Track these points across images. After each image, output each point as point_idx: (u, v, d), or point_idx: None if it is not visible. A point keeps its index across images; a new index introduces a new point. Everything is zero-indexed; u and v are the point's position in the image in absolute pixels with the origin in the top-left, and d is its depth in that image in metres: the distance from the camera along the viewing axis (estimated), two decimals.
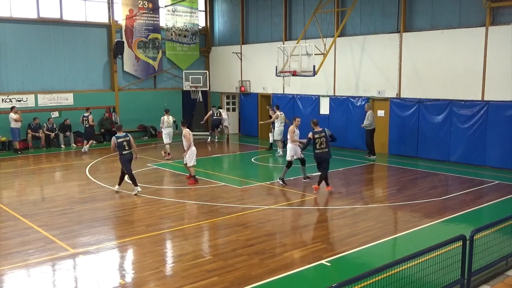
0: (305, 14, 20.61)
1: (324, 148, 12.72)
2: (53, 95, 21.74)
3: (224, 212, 11.15)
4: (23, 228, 10.07)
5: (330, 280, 6.66)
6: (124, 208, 11.68)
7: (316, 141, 12.68)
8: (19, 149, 19.77)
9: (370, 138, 18.04)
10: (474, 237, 6.63)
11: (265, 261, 8.17)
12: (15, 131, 19.59)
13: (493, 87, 15.91)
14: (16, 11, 20.70)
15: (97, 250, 8.85)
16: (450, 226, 10.23)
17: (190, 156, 13.92)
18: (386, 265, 5.61)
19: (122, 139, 12.83)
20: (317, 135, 12.69)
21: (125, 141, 12.81)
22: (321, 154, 12.76)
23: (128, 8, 23.46)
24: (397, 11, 18.25)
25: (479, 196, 12.59)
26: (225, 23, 26.00)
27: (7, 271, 7.84)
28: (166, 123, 18.45)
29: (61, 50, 21.90)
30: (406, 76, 18.25)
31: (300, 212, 11.35)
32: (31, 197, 12.96)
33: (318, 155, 12.78)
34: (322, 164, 12.87)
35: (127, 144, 12.82)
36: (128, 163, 12.87)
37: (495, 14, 15.76)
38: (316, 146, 12.70)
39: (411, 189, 13.49)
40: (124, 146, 12.78)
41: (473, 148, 16.50)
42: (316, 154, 12.79)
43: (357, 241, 9.15)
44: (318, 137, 12.69)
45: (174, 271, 7.98)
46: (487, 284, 7.11)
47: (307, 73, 17.97)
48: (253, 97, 24.16)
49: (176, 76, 25.74)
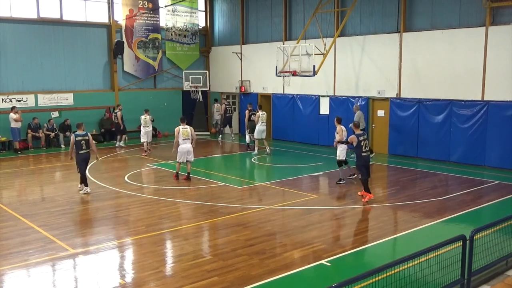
0: (305, 14, 20.61)
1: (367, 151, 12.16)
2: (53, 95, 21.73)
3: (224, 212, 11.15)
4: (23, 228, 10.07)
5: (330, 280, 6.65)
6: (124, 208, 11.68)
7: (361, 144, 11.95)
8: (19, 149, 19.77)
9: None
10: (474, 237, 6.63)
11: (265, 261, 8.17)
12: (15, 131, 19.59)
13: (493, 87, 15.91)
14: (16, 11, 20.70)
15: (97, 250, 8.85)
16: (450, 226, 10.23)
17: (178, 153, 14.41)
18: (386, 265, 5.61)
19: (81, 137, 12.82)
20: (361, 138, 12.00)
21: (84, 140, 12.82)
22: (366, 158, 12.11)
23: (128, 8, 23.46)
24: (397, 11, 18.24)
25: (479, 196, 12.59)
26: (225, 23, 26.00)
27: (7, 271, 7.84)
28: (143, 122, 19.21)
29: (61, 50, 21.89)
30: (406, 76, 18.25)
31: (300, 212, 11.35)
32: (31, 197, 12.96)
33: (364, 158, 12.06)
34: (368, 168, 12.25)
35: (85, 143, 12.83)
36: (83, 162, 12.86)
37: (495, 14, 15.76)
38: (362, 149, 11.97)
39: (411, 189, 13.49)
40: (82, 145, 12.78)
41: (473, 148, 16.50)
42: (363, 158, 12.04)
43: (357, 241, 9.15)
44: (363, 139, 12.03)
45: (174, 271, 7.98)
46: (487, 284, 7.10)
47: (307, 73, 17.97)
48: (253, 97, 24.15)
49: (176, 76, 25.74)
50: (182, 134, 14.34)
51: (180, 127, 14.44)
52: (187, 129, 14.50)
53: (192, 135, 14.59)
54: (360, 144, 11.87)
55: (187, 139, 14.39)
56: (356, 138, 11.88)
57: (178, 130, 14.37)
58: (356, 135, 11.95)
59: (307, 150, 20.10)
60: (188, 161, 14.53)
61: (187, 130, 14.47)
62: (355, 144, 11.91)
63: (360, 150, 11.91)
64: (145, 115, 19.26)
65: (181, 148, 14.34)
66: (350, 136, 12.38)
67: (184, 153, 14.40)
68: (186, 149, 14.39)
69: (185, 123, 14.77)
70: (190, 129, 14.58)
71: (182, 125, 14.54)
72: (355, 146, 11.98)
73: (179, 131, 14.33)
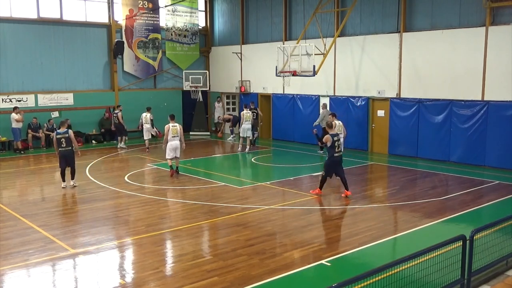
0: (305, 14, 20.61)
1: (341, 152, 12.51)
2: (53, 95, 21.74)
3: (224, 212, 11.15)
4: (23, 228, 10.07)
5: (330, 280, 6.66)
6: (124, 208, 11.68)
7: (335, 144, 12.23)
8: (21, 149, 19.80)
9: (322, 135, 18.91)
10: (474, 237, 6.62)
11: (265, 261, 8.17)
12: (16, 131, 19.62)
13: (493, 87, 15.91)
14: (16, 11, 20.69)
15: (97, 250, 8.84)
16: (450, 226, 10.23)
17: (166, 149, 14.86)
18: (386, 265, 5.61)
19: (61, 135, 13.34)
20: (335, 138, 12.31)
21: (64, 138, 13.31)
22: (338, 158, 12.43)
23: (128, 8, 23.46)
24: (397, 11, 18.24)
25: (479, 196, 12.59)
26: (225, 23, 26.00)
27: (7, 271, 7.84)
28: (144, 119, 19.64)
29: (61, 50, 21.90)
30: (406, 76, 18.25)
31: (300, 212, 11.35)
32: (31, 197, 12.96)
33: (336, 158, 12.34)
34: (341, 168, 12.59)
35: (65, 141, 13.30)
36: (63, 159, 13.43)
37: (495, 14, 15.76)
38: (335, 150, 12.23)
39: (411, 189, 13.49)
40: (62, 142, 13.30)
41: (473, 148, 16.49)
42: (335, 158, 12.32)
43: (357, 241, 9.15)
44: (337, 140, 12.33)
45: (174, 271, 7.98)
46: (487, 284, 7.10)
47: (307, 73, 17.97)
48: (253, 97, 24.14)
49: (176, 76, 25.74)
50: (171, 131, 14.82)
51: (170, 125, 14.93)
52: (176, 127, 14.99)
53: (181, 133, 14.96)
54: (334, 144, 12.17)
55: (175, 136, 14.88)
56: (331, 138, 12.15)
57: (168, 127, 14.87)
58: (331, 135, 12.23)
59: (307, 150, 20.09)
60: (176, 157, 15.06)
61: (176, 128, 14.96)
62: (329, 144, 12.18)
63: (334, 150, 12.22)
64: (146, 113, 19.77)
65: (169, 145, 14.87)
66: (325, 136, 12.61)
67: (172, 149, 14.90)
68: (174, 146, 14.89)
69: (174, 120, 15.21)
70: (179, 127, 15.04)
71: (172, 123, 15.01)
72: (329, 146, 12.24)
73: (168, 129, 14.84)
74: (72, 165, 13.68)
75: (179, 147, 15.03)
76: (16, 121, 19.44)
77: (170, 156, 14.97)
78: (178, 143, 14.96)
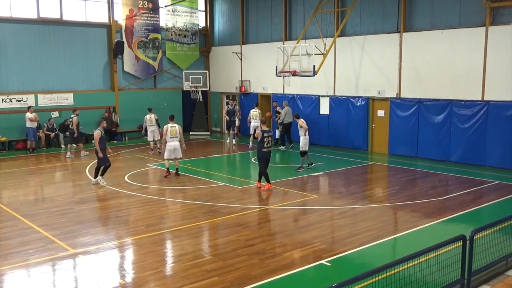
0: (305, 14, 20.60)
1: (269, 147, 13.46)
2: (53, 95, 21.74)
3: (224, 212, 11.15)
4: (23, 228, 10.07)
5: (330, 280, 6.66)
6: (124, 208, 11.67)
7: (264, 139, 13.14)
8: (34, 148, 19.92)
9: (284, 131, 20.35)
10: (474, 237, 6.62)
11: (265, 261, 8.17)
12: (29, 130, 19.70)
13: (493, 87, 15.91)
14: (16, 11, 20.69)
15: (97, 250, 8.84)
16: (450, 226, 10.23)
17: (165, 150, 14.87)
18: (386, 265, 5.61)
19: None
20: (266, 134, 13.20)
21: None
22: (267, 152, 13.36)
23: (128, 8, 23.46)
24: (397, 11, 18.24)
25: (479, 196, 12.59)
26: (225, 23, 26.00)
27: (7, 271, 7.84)
28: (149, 121, 19.23)
29: (61, 50, 21.90)
30: (406, 76, 18.25)
31: (300, 212, 11.35)
32: (31, 197, 12.96)
33: (264, 152, 13.26)
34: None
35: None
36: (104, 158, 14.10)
37: (495, 14, 15.75)
38: (264, 144, 13.16)
39: (411, 189, 13.49)
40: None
41: (473, 148, 16.49)
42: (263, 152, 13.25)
43: (357, 241, 9.15)
44: (267, 136, 13.21)
45: (174, 271, 7.98)
46: (487, 284, 7.10)
47: (307, 73, 17.96)
48: (253, 97, 24.14)
49: (176, 76, 25.74)
50: (170, 132, 14.71)
51: (168, 125, 14.82)
52: (175, 127, 14.89)
53: (180, 134, 14.90)
54: (263, 139, 13.09)
55: (174, 137, 14.78)
56: (261, 133, 13.13)
57: (166, 128, 14.78)
58: (262, 131, 13.19)
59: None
60: (176, 158, 14.96)
61: (175, 128, 14.86)
62: (259, 139, 13.13)
63: (263, 145, 13.14)
64: (150, 114, 19.34)
65: (168, 145, 14.75)
66: (257, 132, 13.58)
67: (171, 150, 14.79)
68: (173, 147, 14.78)
69: (174, 121, 15.12)
70: (178, 128, 14.95)
71: (171, 123, 14.91)
72: (259, 141, 13.17)
73: (167, 129, 14.72)
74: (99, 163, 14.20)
75: (179, 148, 14.94)
76: (30, 120, 19.49)
77: (169, 156, 14.90)
78: (177, 144, 14.87)
